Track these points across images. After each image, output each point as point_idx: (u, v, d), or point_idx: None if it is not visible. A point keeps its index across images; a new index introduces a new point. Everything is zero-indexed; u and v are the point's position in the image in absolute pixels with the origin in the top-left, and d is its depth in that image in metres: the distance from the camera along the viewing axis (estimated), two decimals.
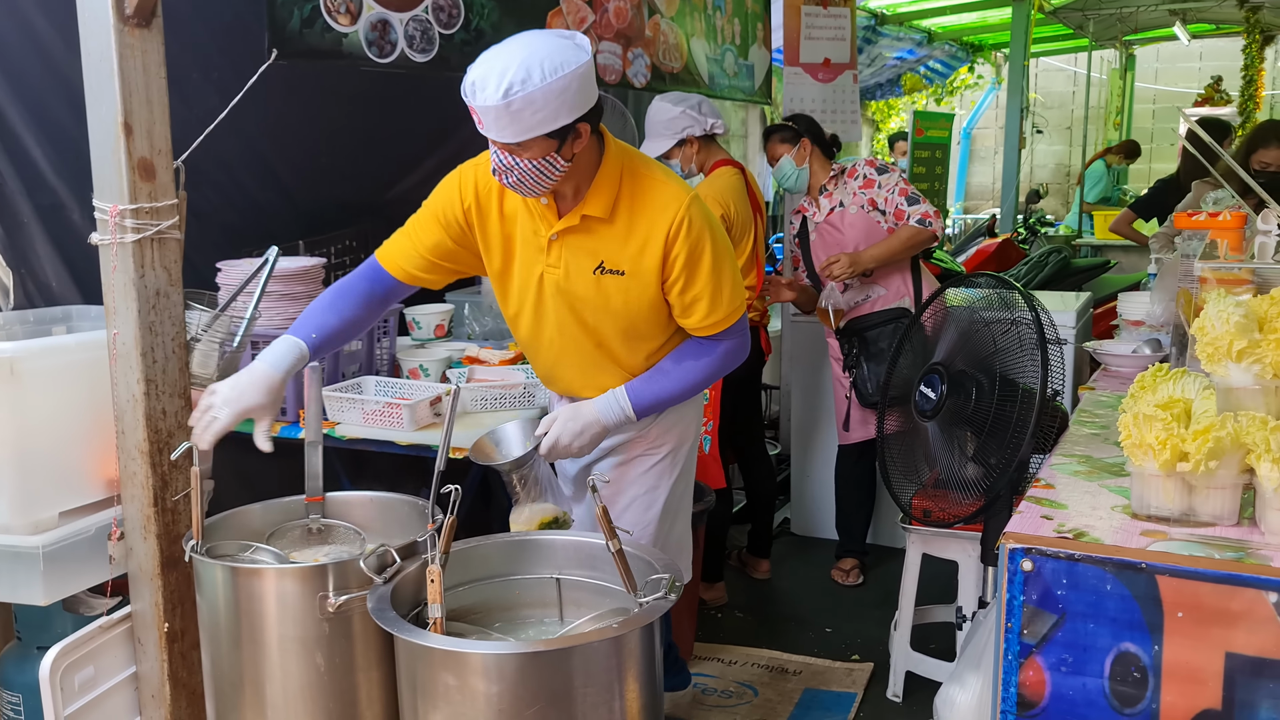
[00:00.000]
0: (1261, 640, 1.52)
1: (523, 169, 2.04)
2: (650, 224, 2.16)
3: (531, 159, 2.02)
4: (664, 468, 2.45)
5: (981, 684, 2.08)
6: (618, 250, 2.19)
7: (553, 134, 1.99)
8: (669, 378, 2.30)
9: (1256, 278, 2.25)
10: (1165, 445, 1.69)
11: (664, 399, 2.31)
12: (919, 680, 3.20)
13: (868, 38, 8.88)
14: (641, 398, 2.28)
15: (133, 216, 2.08)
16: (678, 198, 2.17)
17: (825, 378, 4.49)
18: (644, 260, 2.18)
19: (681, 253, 2.16)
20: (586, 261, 2.21)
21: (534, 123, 1.95)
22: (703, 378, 2.32)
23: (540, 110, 1.94)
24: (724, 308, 2.23)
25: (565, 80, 1.94)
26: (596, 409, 2.26)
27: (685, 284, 2.19)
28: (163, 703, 2.23)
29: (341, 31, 2.82)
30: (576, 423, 2.25)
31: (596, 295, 2.23)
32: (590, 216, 2.17)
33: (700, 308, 2.22)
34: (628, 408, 2.27)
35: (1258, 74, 9.01)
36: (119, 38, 2.03)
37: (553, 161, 2.04)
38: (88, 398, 2.23)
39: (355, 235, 3.62)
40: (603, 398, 2.27)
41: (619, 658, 1.71)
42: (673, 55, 4.36)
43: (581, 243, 2.20)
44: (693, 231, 2.15)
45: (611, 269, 2.20)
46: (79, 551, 2.20)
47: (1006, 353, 2.44)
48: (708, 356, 2.29)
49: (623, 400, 2.27)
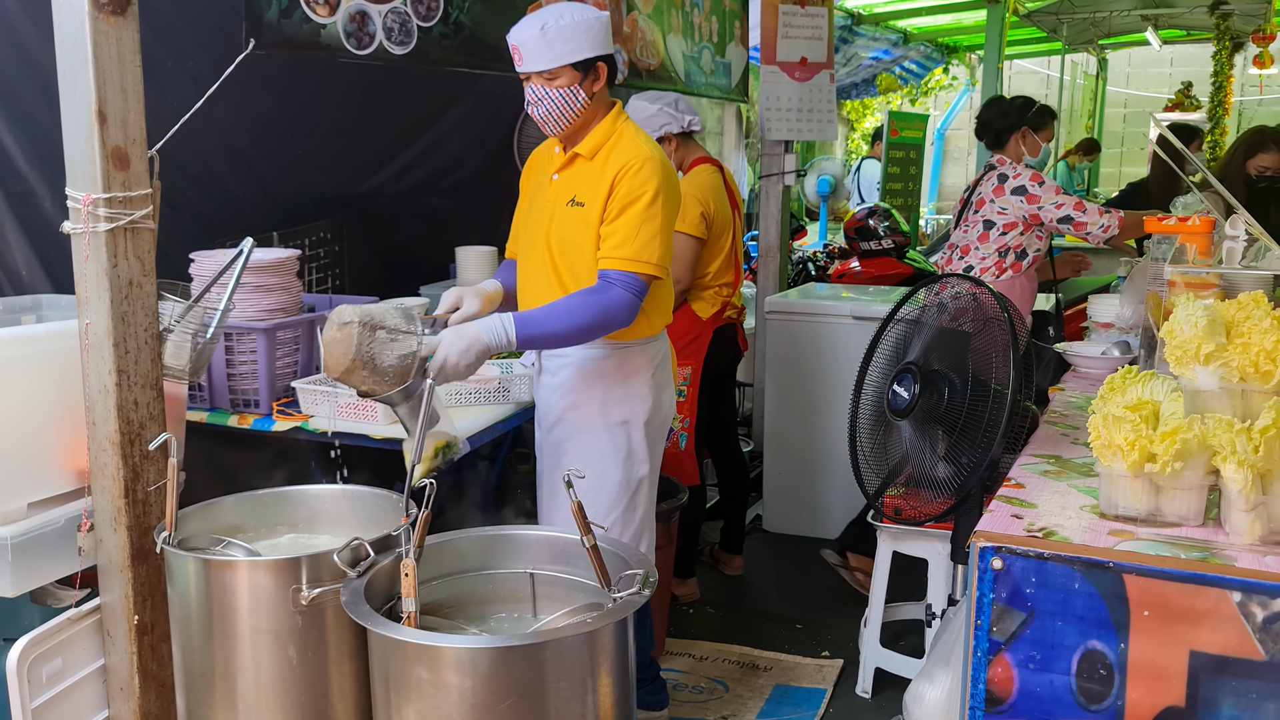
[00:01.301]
0: (1225, 639, 1.54)
1: (552, 98, 2.43)
2: (616, 166, 2.45)
3: (560, 88, 2.42)
4: (615, 441, 2.59)
5: (951, 680, 2.10)
6: (588, 186, 2.49)
7: (578, 65, 2.41)
8: (555, 308, 2.42)
9: (1223, 281, 2.28)
10: (1134, 446, 1.72)
11: (547, 330, 2.38)
12: (888, 676, 3.23)
13: (844, 37, 8.93)
14: (527, 324, 2.35)
15: (106, 206, 2.05)
16: (644, 152, 2.46)
17: (800, 374, 4.52)
18: (598, 193, 2.45)
19: (621, 188, 2.43)
20: (566, 194, 2.53)
21: (562, 51, 2.38)
22: (589, 317, 2.39)
23: (569, 40, 2.38)
24: (632, 248, 2.41)
25: (589, 21, 2.41)
26: (480, 328, 2.31)
27: (613, 215, 2.43)
28: (132, 695, 2.22)
29: (320, 22, 2.81)
30: (462, 341, 2.27)
31: (565, 225, 2.51)
32: (579, 154, 2.52)
33: (614, 239, 2.43)
34: (511, 330, 2.32)
35: (1227, 80, 9.10)
36: (94, 25, 2.01)
37: (576, 92, 2.43)
38: (58, 388, 2.20)
39: (330, 227, 3.61)
40: (487, 319, 2.35)
41: (592, 653, 1.72)
42: (649, 52, 4.36)
43: (568, 178, 2.55)
44: (639, 176, 2.42)
45: (579, 201, 2.50)
46: (48, 543, 2.18)
47: (979, 353, 2.46)
48: (596, 296, 2.41)
49: (507, 323, 2.33)
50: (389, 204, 3.80)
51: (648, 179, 2.42)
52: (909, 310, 2.74)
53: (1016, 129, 4.03)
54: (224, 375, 2.75)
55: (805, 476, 4.55)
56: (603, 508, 2.56)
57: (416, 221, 3.93)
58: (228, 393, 2.77)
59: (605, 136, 2.50)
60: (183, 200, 3.01)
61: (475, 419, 2.78)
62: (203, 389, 2.78)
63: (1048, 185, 3.91)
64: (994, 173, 4.01)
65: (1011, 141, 4.04)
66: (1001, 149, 4.07)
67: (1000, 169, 4.00)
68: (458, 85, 4.00)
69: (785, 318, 4.56)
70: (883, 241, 5.93)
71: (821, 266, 6.74)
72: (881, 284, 5.68)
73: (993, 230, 3.97)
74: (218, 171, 3.21)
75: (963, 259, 4.06)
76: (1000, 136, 4.07)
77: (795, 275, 6.61)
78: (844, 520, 4.40)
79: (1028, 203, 3.89)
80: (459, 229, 3.95)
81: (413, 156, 3.88)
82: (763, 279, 5.52)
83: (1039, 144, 4.05)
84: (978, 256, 4.00)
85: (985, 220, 3.99)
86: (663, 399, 2.68)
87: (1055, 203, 3.88)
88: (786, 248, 5.70)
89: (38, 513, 2.19)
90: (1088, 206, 3.88)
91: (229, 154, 3.24)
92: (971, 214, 4.06)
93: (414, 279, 3.85)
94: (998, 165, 4.03)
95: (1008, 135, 4.05)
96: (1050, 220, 3.91)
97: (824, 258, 6.90)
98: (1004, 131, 4.05)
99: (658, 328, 2.65)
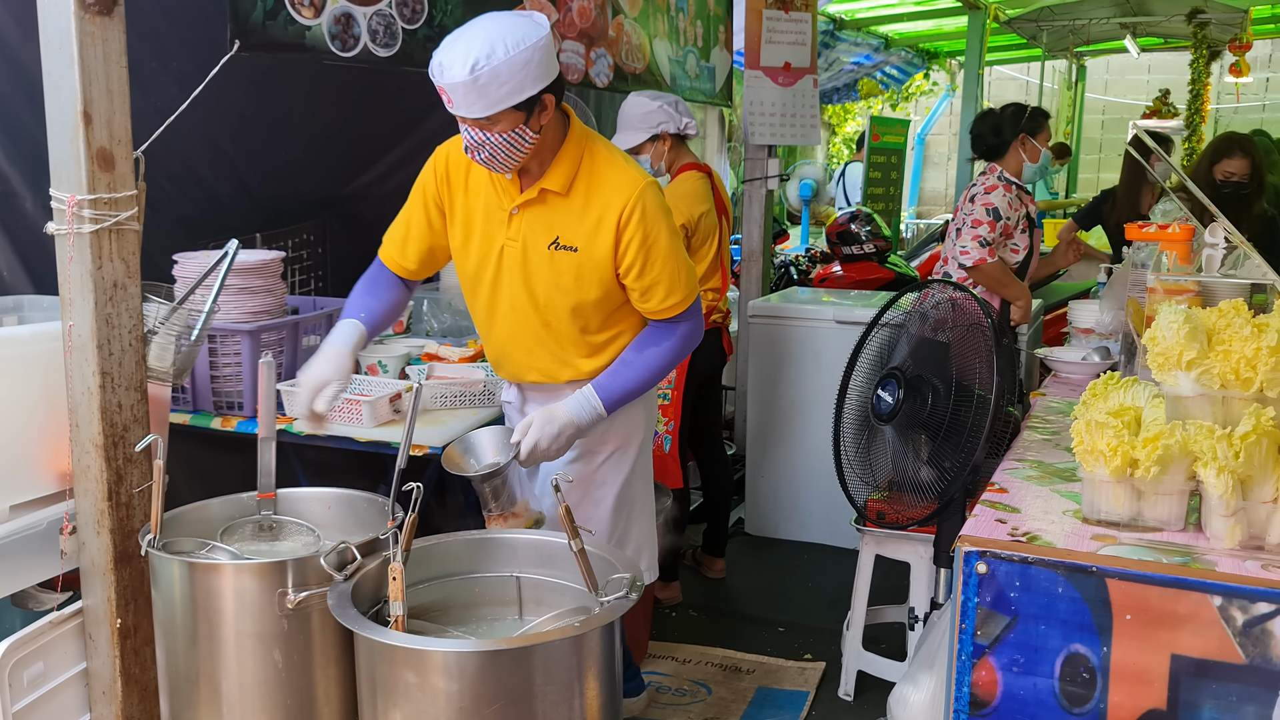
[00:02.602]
0: (1205, 642, 1.56)
1: (494, 144, 2.13)
2: (605, 204, 2.24)
3: (502, 132, 2.11)
4: (613, 464, 2.49)
5: (935, 683, 2.12)
6: (573, 227, 2.26)
7: (520, 106, 2.08)
8: (633, 368, 2.33)
9: (1201, 289, 2.31)
10: (1116, 452, 1.74)
11: (632, 389, 2.33)
12: (870, 679, 3.24)
13: (826, 42, 8.96)
14: (610, 391, 2.30)
15: (91, 207, 2.04)
16: (633, 182, 2.25)
17: (782, 378, 4.53)
18: (597, 240, 2.25)
19: (635, 238, 2.23)
20: (543, 236, 2.28)
21: (501, 95, 2.05)
22: (666, 362, 2.35)
23: (506, 83, 2.04)
24: (682, 289, 2.30)
25: (528, 53, 2.04)
26: (569, 410, 2.27)
27: (641, 269, 2.26)
28: (114, 699, 2.20)
29: (305, 24, 2.80)
30: (553, 426, 2.24)
31: (550, 270, 2.29)
32: (549, 191, 2.25)
33: (659, 291, 2.29)
34: (598, 404, 2.28)
35: (1204, 88, 9.19)
36: (79, 25, 2.00)
37: (522, 134, 2.12)
38: (41, 390, 2.19)
39: (314, 229, 3.60)
40: (573, 398, 2.28)
41: (580, 657, 1.72)
42: (635, 56, 4.37)
43: (540, 217, 2.28)
44: (646, 217, 2.23)
45: (566, 245, 2.27)
46: (29, 546, 2.17)
47: (962, 358, 2.49)
48: (669, 340, 2.34)
49: (592, 398, 2.28)
50: (373, 206, 3.79)
51: (652, 216, 2.25)
52: (893, 315, 2.77)
53: (1014, 139, 3.99)
54: (207, 377, 2.75)
55: (787, 480, 4.57)
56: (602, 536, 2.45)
57: None
58: (211, 395, 2.76)
59: (574, 165, 2.26)
60: (165, 201, 3.00)
61: (459, 422, 2.78)
62: (186, 391, 2.76)
63: (988, 201, 3.87)
64: (977, 184, 4.02)
65: (1011, 151, 4.00)
66: (1001, 159, 4.03)
67: (979, 181, 4.01)
68: None
69: (767, 321, 4.58)
70: (864, 246, 5.97)
71: (803, 271, 6.77)
72: (863, 288, 5.72)
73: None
74: (201, 173, 3.20)
75: (944, 266, 4.10)
76: (997, 150, 4.03)
77: (777, 279, 6.63)
78: (825, 523, 4.43)
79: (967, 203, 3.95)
80: None
81: (397, 158, 3.87)
82: (745, 283, 5.54)
83: (1038, 149, 4.02)
84: (954, 265, 4.01)
85: (958, 228, 4.00)
86: (653, 413, 2.66)
87: (973, 219, 3.87)
88: (769, 252, 5.72)
89: (19, 515, 2.17)
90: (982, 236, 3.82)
91: (212, 155, 3.23)
92: (954, 224, 4.08)
93: None
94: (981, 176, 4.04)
95: (1005, 147, 4.01)
96: (954, 230, 3.98)
97: (806, 262, 6.93)
98: (999, 145, 4.02)
99: None
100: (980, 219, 3.87)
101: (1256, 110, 13.35)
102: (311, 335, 2.98)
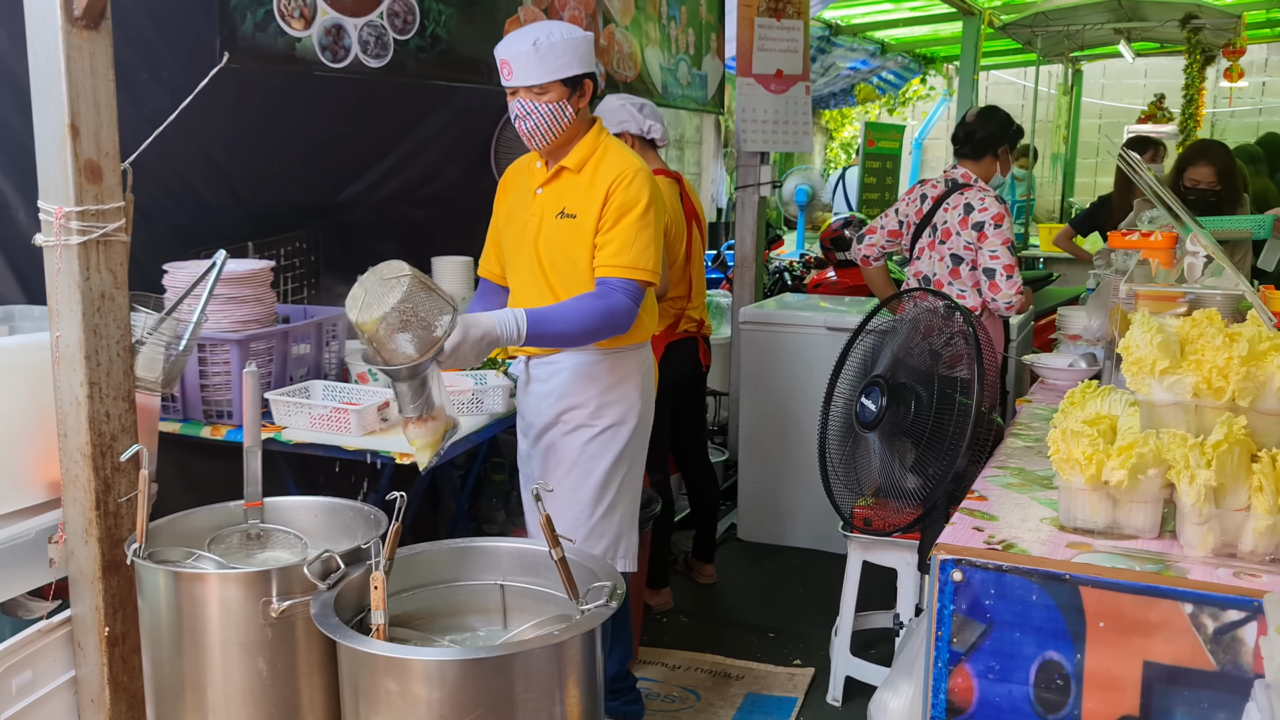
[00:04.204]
0: (1178, 649, 1.58)
1: (540, 112, 2.49)
2: (605, 178, 2.54)
3: (549, 102, 2.49)
4: (604, 440, 2.67)
5: (914, 690, 2.13)
6: (579, 199, 2.56)
7: (567, 82, 2.48)
8: (563, 309, 2.51)
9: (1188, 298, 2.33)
10: (1091, 460, 1.75)
11: (556, 330, 2.46)
12: (858, 685, 3.25)
13: (822, 47, 8.99)
14: (537, 321, 2.41)
15: (78, 219, 2.06)
16: (634, 164, 2.56)
17: (773, 385, 4.55)
18: (590, 205, 2.54)
19: (616, 199, 2.51)
20: (555, 206, 2.60)
21: (553, 67, 2.46)
22: (592, 318, 2.48)
23: (560, 57, 2.46)
24: (630, 255, 2.51)
25: (578, 39, 2.49)
26: (492, 319, 2.36)
27: (609, 225, 2.52)
28: (102, 707, 2.22)
29: (294, 36, 2.82)
30: (477, 330, 2.31)
31: (555, 236, 2.59)
32: (565, 168, 2.59)
33: (612, 246, 2.52)
34: (522, 325, 2.38)
35: (1198, 93, 9.22)
36: (67, 39, 2.02)
37: (564, 108, 2.50)
38: (30, 399, 2.21)
39: (305, 237, 3.61)
40: (499, 312, 2.41)
41: (560, 664, 1.74)
42: (626, 64, 4.40)
43: (555, 191, 2.62)
44: (632, 187, 2.51)
45: (569, 213, 2.57)
46: (19, 554, 2.18)
47: (945, 366, 2.50)
48: (600, 301, 2.50)
49: (519, 318, 2.39)
50: (365, 214, 3.81)
51: (640, 189, 2.52)
52: (878, 323, 2.79)
53: (1004, 143, 3.94)
54: (197, 386, 2.76)
55: (779, 486, 4.59)
56: (585, 508, 2.66)
57: (392, 232, 3.93)
58: (200, 404, 2.78)
59: (590, 150, 2.58)
60: (157, 210, 3.01)
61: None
62: (176, 400, 2.78)
63: (1001, 232, 3.75)
64: (961, 199, 3.84)
65: (986, 159, 3.93)
66: (978, 161, 3.92)
67: (968, 196, 3.83)
68: (435, 96, 4.02)
69: (759, 328, 4.60)
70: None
71: (798, 276, 6.79)
72: (856, 294, 5.74)
73: (962, 266, 3.83)
74: (192, 182, 3.22)
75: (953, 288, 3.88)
76: (985, 147, 3.92)
77: (772, 285, 6.66)
78: (817, 529, 4.44)
79: (978, 239, 3.77)
80: (435, 240, 3.96)
81: (389, 167, 3.89)
82: (738, 289, 5.56)
83: (1010, 164, 4.03)
84: (954, 293, 3.80)
85: (953, 254, 3.83)
86: (649, 404, 2.77)
87: (992, 253, 3.75)
88: (763, 258, 5.74)
89: (9, 524, 2.19)
90: (1015, 275, 3.75)
91: (204, 164, 3.25)
92: (938, 243, 3.88)
93: None
94: (964, 187, 3.87)
95: (995, 147, 3.92)
96: (980, 264, 3.79)
97: (800, 267, 6.96)
98: (993, 143, 3.92)
99: (647, 334, 2.73)
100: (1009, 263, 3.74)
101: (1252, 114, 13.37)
102: (301, 344, 3.00)
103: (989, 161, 3.95)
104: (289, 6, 2.80)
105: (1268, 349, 1.72)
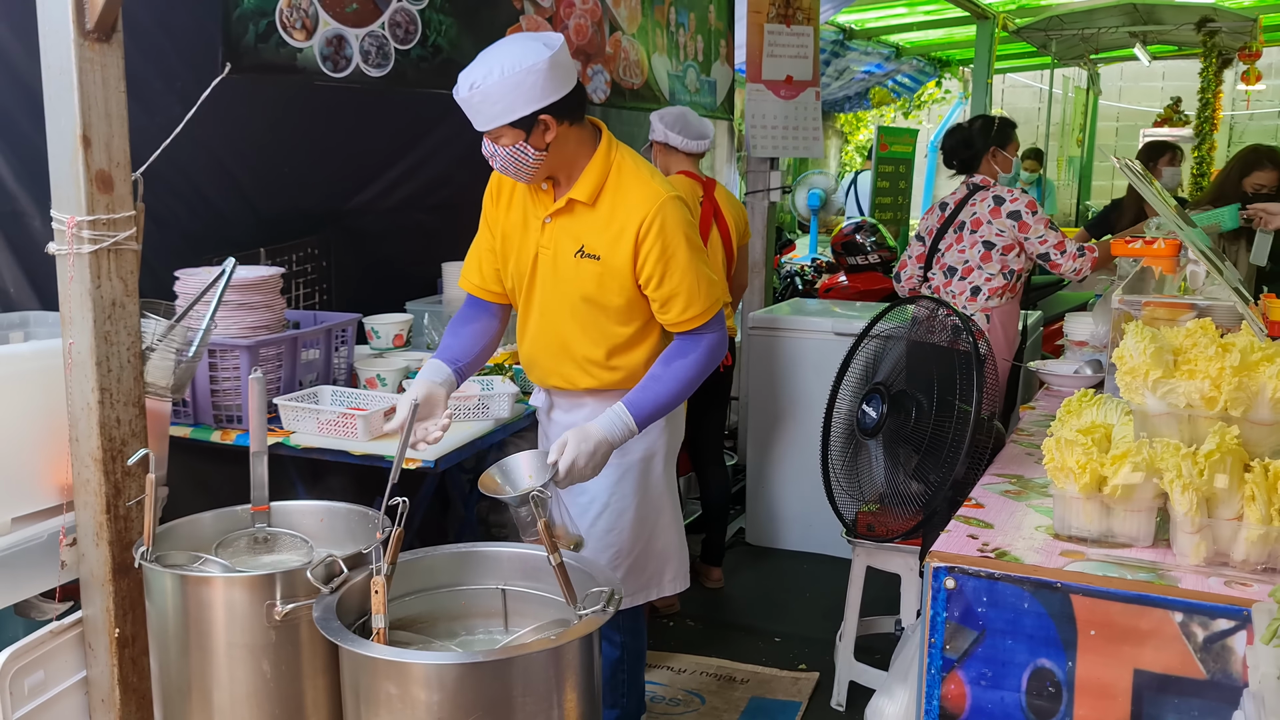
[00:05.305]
0: (1168, 658, 1.59)
1: (503, 154, 2.28)
2: (626, 215, 2.32)
3: (505, 146, 2.26)
4: (635, 477, 2.55)
5: (908, 696, 2.15)
6: (597, 235, 2.35)
7: (516, 124, 2.22)
8: (661, 382, 2.36)
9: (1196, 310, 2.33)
10: (1085, 469, 1.77)
11: (662, 404, 2.36)
12: (862, 690, 3.26)
13: (836, 51, 9.00)
14: (641, 407, 2.32)
15: (90, 228, 2.10)
16: (655, 195, 2.32)
17: (782, 390, 4.56)
18: (618, 249, 2.33)
19: (654, 249, 2.30)
20: (570, 244, 2.38)
21: (494, 114, 2.21)
22: (693, 375, 2.38)
23: (497, 103, 2.19)
24: (701, 301, 2.35)
25: (519, 76, 2.17)
26: (602, 427, 2.28)
27: (660, 280, 2.32)
28: (113, 707, 2.26)
29: (296, 46, 2.86)
30: (588, 443, 2.25)
31: (575, 277, 2.38)
32: (575, 201, 2.36)
33: (678, 303, 2.34)
34: (630, 420, 2.30)
35: (1215, 96, 9.18)
36: (79, 51, 2.06)
37: (524, 149, 2.26)
38: (42, 404, 2.25)
39: (317, 243, 3.65)
40: (605, 415, 2.31)
41: (557, 668, 1.76)
42: (633, 71, 4.42)
43: (568, 225, 2.39)
44: (665, 229, 2.30)
45: (590, 253, 2.36)
46: (31, 557, 2.22)
47: (945, 373, 2.52)
48: (694, 353, 2.37)
49: (624, 414, 2.30)
50: (376, 220, 3.85)
51: (672, 227, 2.31)
52: (882, 328, 2.80)
53: (984, 151, 4.06)
54: (207, 391, 2.80)
55: (787, 490, 4.60)
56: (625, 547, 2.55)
57: (403, 237, 3.98)
58: (211, 409, 2.82)
59: (600, 178, 2.35)
60: (169, 217, 3.06)
61: (455, 435, 2.82)
62: (187, 405, 2.82)
63: (1040, 216, 3.93)
64: (987, 194, 4.01)
65: (984, 164, 4.07)
66: (974, 172, 4.09)
67: (993, 190, 4.01)
68: (445, 103, 4.01)
69: (767, 333, 4.62)
70: (869, 256, 6.01)
71: (809, 280, 6.81)
72: (867, 299, 5.75)
73: (994, 251, 3.97)
74: (205, 189, 3.26)
75: (965, 280, 4.03)
76: (970, 162, 4.10)
77: (783, 289, 6.67)
78: (825, 533, 4.45)
79: (1019, 229, 3.92)
80: (445, 245, 3.99)
81: (399, 173, 3.93)
82: (748, 294, 5.57)
83: (1009, 159, 4.10)
84: (983, 277, 3.99)
85: (985, 241, 3.98)
86: (676, 428, 2.66)
87: (1040, 237, 3.91)
88: (773, 263, 5.76)
89: (21, 527, 2.23)
90: (1068, 247, 3.91)
91: (216, 172, 3.29)
92: (968, 234, 4.02)
93: (400, 294, 3.90)
94: (985, 186, 4.05)
95: (978, 160, 4.08)
96: (1032, 252, 3.96)
97: (811, 272, 6.97)
98: (972, 157, 4.09)
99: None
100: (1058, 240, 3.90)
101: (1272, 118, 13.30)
102: (310, 349, 3.04)
103: (985, 168, 4.09)
104: (291, 18, 2.84)
105: (1260, 359, 1.73)
